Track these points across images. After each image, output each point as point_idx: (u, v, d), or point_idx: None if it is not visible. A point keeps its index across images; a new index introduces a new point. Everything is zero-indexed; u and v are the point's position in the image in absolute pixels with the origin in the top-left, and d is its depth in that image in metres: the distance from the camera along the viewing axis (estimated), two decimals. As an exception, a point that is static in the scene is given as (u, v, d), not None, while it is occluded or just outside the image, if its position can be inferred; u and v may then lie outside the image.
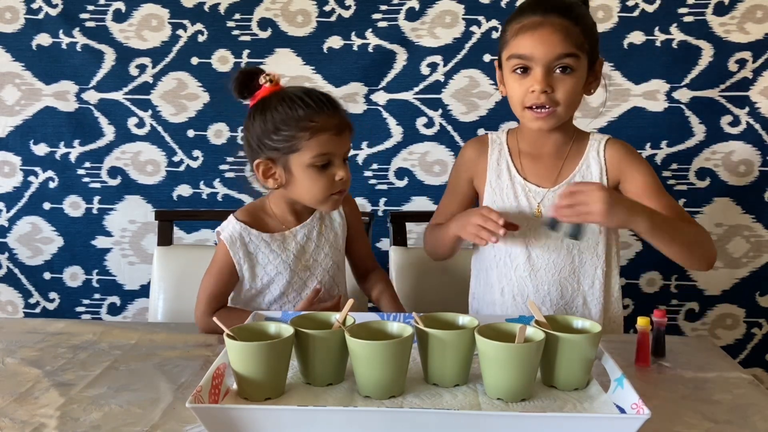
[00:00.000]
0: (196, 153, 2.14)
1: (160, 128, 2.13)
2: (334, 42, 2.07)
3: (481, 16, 2.03)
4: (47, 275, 2.20)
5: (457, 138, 2.07)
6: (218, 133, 2.13)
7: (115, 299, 2.20)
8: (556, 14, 1.23)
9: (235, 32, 2.08)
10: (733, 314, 2.09)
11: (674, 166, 2.03)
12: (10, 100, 2.15)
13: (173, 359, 1.16)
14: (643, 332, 1.12)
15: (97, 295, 2.20)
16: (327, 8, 2.06)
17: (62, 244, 2.19)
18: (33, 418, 0.94)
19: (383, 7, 2.05)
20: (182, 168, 2.14)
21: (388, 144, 2.10)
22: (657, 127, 2.02)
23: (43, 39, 2.12)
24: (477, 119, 2.06)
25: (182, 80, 2.11)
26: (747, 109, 2.00)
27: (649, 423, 0.82)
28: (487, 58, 2.04)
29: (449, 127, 2.08)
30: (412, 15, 2.05)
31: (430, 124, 2.08)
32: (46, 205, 2.18)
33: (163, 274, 1.65)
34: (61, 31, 2.11)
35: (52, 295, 2.21)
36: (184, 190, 2.15)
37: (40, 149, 2.16)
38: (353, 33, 2.06)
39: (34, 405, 0.99)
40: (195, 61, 2.10)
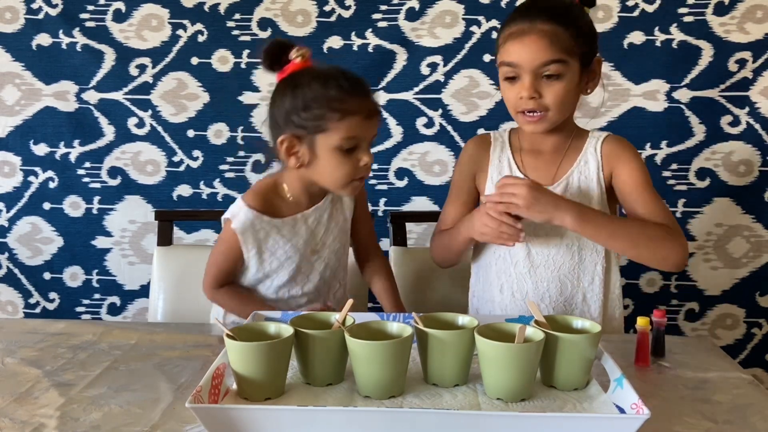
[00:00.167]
0: (196, 153, 2.14)
1: (160, 128, 2.13)
2: (334, 42, 2.07)
3: (481, 16, 2.03)
4: (47, 275, 2.21)
5: (457, 138, 2.07)
6: (218, 133, 2.13)
7: (115, 299, 2.20)
8: (543, 20, 1.23)
9: (235, 32, 2.08)
10: (733, 314, 2.09)
11: (674, 166, 2.03)
12: (10, 100, 2.15)
13: (173, 359, 1.16)
14: (642, 332, 1.12)
15: (97, 295, 2.20)
16: (327, 8, 2.07)
17: (62, 244, 2.19)
18: (33, 418, 0.94)
19: (383, 7, 2.05)
20: (182, 168, 2.14)
21: (388, 144, 2.10)
22: (657, 127, 2.02)
23: (43, 39, 2.12)
24: (477, 119, 2.07)
25: (182, 80, 2.11)
26: (747, 109, 2.00)
27: (649, 423, 0.82)
28: (487, 58, 2.04)
29: (449, 127, 2.08)
30: (412, 15, 2.05)
31: (430, 124, 2.08)
32: (46, 205, 2.18)
33: (163, 274, 1.65)
34: (61, 31, 2.11)
35: (52, 295, 2.21)
36: (184, 190, 2.15)
37: (40, 149, 2.16)
38: (353, 33, 2.06)
39: (34, 405, 0.98)
40: (195, 61, 2.10)
